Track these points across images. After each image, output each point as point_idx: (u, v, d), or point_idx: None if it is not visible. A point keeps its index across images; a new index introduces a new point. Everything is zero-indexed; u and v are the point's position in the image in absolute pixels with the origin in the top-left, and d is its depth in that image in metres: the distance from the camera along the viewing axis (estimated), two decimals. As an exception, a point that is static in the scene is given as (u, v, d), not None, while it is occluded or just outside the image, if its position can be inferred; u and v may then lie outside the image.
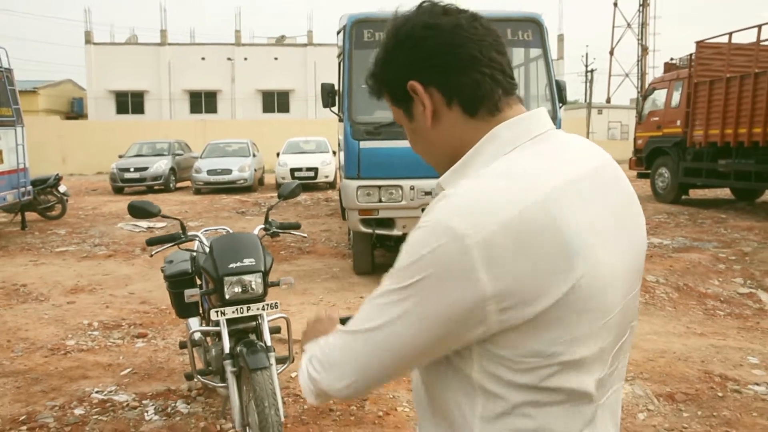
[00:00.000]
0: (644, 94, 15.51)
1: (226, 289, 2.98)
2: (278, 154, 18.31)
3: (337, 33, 7.45)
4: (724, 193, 14.73)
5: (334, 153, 16.81)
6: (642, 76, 38.05)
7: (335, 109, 7.46)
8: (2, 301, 6.46)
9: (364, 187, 6.72)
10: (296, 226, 3.59)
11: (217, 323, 3.06)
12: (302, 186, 3.79)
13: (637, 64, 39.28)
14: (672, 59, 15.13)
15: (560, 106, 6.95)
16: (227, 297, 2.99)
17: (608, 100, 44.92)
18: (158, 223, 10.89)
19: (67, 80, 41.13)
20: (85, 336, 5.30)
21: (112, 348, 5.00)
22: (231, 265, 2.99)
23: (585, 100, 42.75)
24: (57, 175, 11.93)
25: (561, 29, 42.77)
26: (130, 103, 37.78)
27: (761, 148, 10.99)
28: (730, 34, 11.87)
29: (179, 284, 3.47)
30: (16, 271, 7.83)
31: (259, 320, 3.10)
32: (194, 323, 3.67)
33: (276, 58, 38.43)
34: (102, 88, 36.87)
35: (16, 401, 3.96)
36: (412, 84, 0.96)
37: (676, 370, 4.36)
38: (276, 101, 38.55)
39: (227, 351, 2.99)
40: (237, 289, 3.00)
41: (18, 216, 10.94)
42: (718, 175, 12.50)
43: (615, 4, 41.14)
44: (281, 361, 3.17)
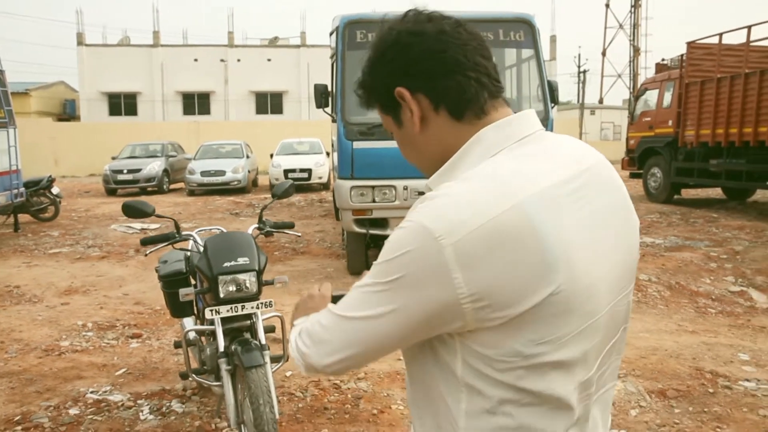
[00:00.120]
0: (636, 95, 15.57)
1: (220, 287, 2.99)
2: (272, 156, 18.32)
3: (330, 34, 7.47)
4: (716, 192, 14.82)
5: (327, 154, 16.82)
6: (634, 77, 38.19)
7: (329, 109, 7.47)
8: (-5, 302, 6.44)
9: (357, 187, 6.74)
10: (290, 225, 3.61)
11: (211, 322, 3.08)
12: (296, 187, 3.81)
13: (630, 65, 39.47)
14: (663, 60, 15.21)
15: (552, 107, 6.99)
16: (222, 295, 3.00)
17: (601, 101, 45.15)
18: (152, 225, 10.87)
19: (59, 82, 41.03)
20: (80, 337, 5.29)
21: (106, 348, 5.00)
22: (225, 264, 3.01)
23: (577, 101, 42.94)
24: (50, 176, 11.87)
25: (553, 30, 42.85)
26: (122, 104, 37.67)
27: (752, 147, 11.06)
28: (721, 35, 11.95)
29: (174, 284, 3.47)
30: (9, 272, 7.80)
31: (254, 319, 3.12)
32: (189, 323, 3.68)
33: (269, 60, 38.42)
34: (94, 89, 36.75)
35: (11, 402, 3.96)
36: (400, 90, 0.98)
37: (667, 367, 4.40)
38: (269, 102, 38.53)
39: (222, 349, 3.01)
40: (231, 287, 3.01)
41: (11, 218, 10.89)
42: (710, 175, 12.58)
43: (607, 5, 41.32)
44: (276, 359, 3.18)
